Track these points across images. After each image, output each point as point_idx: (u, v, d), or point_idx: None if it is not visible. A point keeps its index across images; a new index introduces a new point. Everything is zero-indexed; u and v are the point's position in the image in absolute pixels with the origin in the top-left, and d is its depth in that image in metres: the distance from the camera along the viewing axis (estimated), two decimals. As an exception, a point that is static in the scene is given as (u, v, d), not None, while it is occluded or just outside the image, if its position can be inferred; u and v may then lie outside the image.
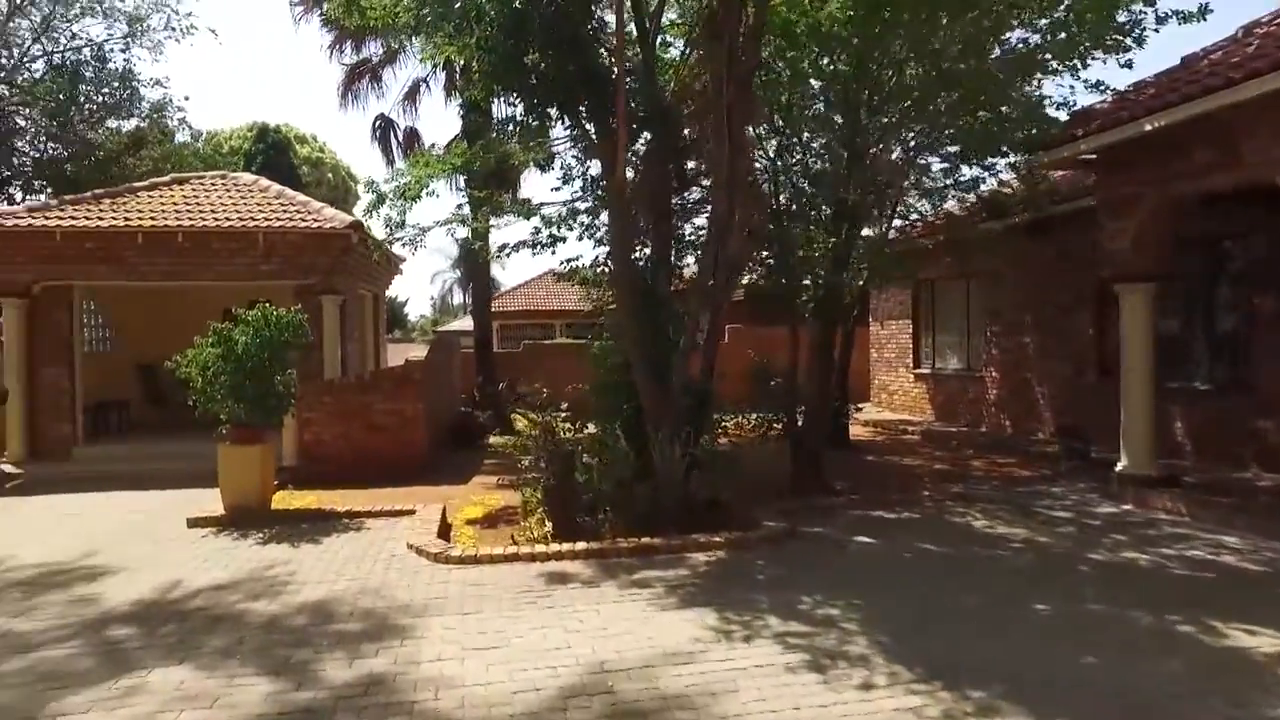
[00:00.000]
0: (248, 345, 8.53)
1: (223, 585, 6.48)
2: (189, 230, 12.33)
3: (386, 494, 9.90)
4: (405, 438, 11.56)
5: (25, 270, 12.39)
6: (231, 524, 8.54)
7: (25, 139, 19.00)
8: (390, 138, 17.51)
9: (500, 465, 12.75)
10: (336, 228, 12.55)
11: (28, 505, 9.92)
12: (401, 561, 7.06)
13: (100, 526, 8.70)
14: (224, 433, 9.01)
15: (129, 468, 11.87)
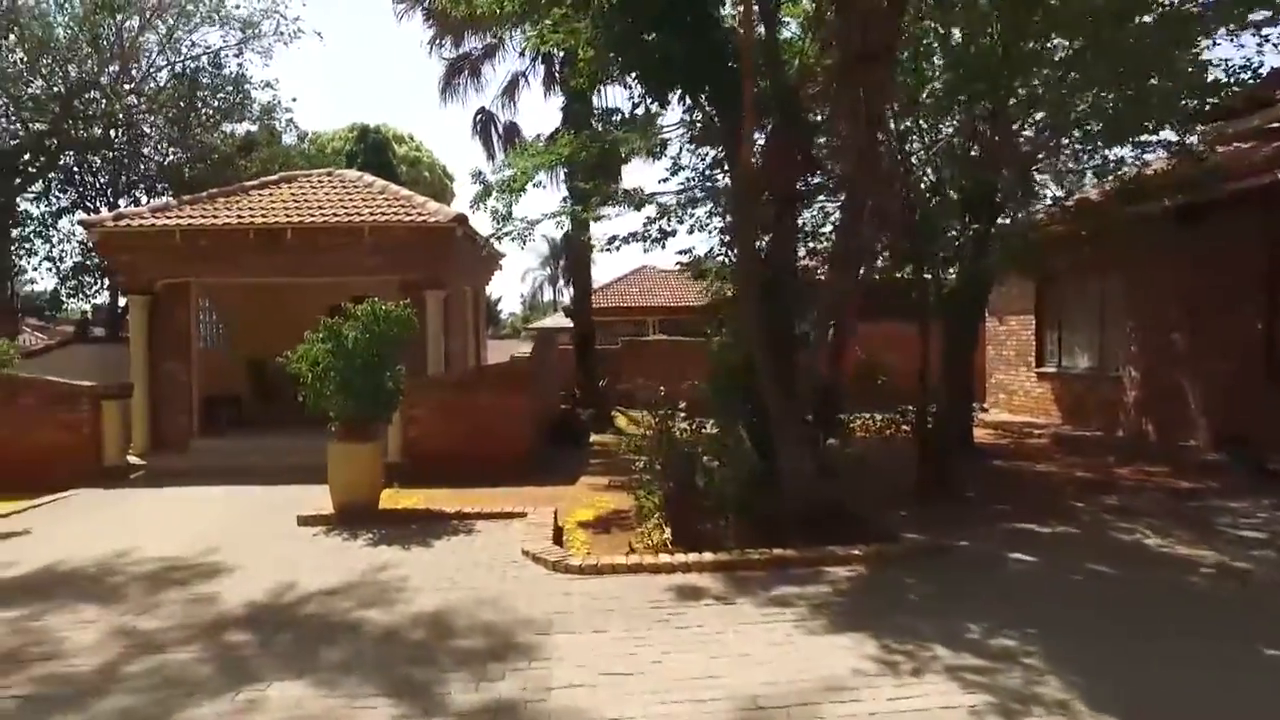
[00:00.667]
0: (357, 340, 8.34)
1: (336, 590, 6.23)
2: (297, 227, 12.38)
3: (493, 494, 9.62)
4: (510, 436, 11.28)
5: (149, 268, 12.67)
6: (341, 523, 8.37)
7: (150, 144, 19.74)
8: (491, 131, 17.40)
9: (606, 465, 12.39)
10: (440, 222, 12.40)
11: (150, 497, 10.04)
12: (518, 569, 6.69)
13: (216, 521, 8.67)
14: (333, 430, 8.87)
15: (241, 461, 11.99)
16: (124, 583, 6.56)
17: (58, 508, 9.59)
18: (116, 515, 9.11)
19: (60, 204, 19.49)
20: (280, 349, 16.10)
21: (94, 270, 19.60)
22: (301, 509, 8.74)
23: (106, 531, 8.33)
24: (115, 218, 12.58)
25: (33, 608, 5.96)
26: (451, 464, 10.71)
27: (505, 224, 10.89)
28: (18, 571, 6.97)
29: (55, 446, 10.89)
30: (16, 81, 18.34)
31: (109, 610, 5.85)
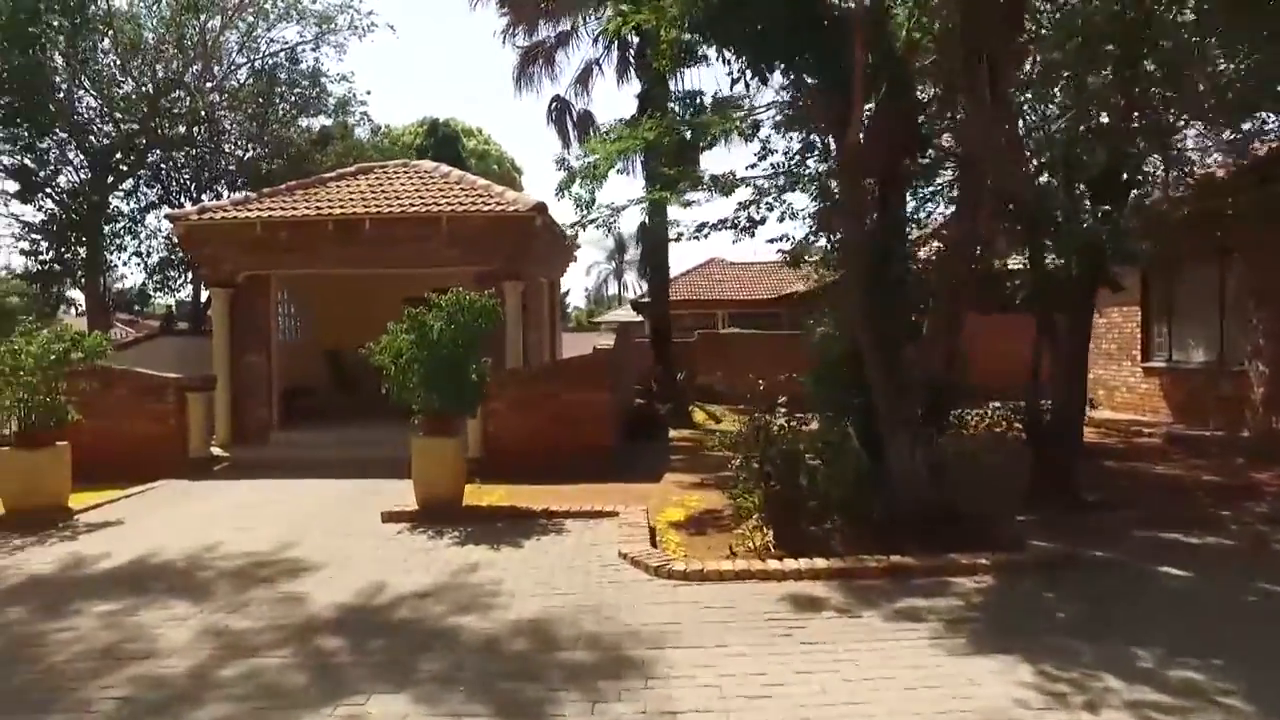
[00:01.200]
0: (443, 331, 8.05)
1: (427, 593, 5.92)
2: (375, 217, 12.23)
3: (576, 491, 9.27)
4: (592, 430, 10.92)
5: (231, 261, 12.69)
6: (426, 520, 8.11)
7: (230, 141, 20.03)
8: (566, 120, 17.10)
9: (689, 462, 11.97)
10: (520, 210, 12.10)
11: (233, 489, 9.97)
12: (616, 573, 6.29)
13: (299, 516, 8.50)
14: (416, 423, 8.62)
15: (320, 454, 11.91)
16: (213, 579, 6.37)
17: (147, 498, 9.58)
18: (202, 507, 9.03)
19: (147, 200, 19.94)
20: (355, 341, 16.14)
21: (178, 265, 19.98)
22: (383, 504, 8.53)
23: (194, 524, 8.23)
24: (199, 211, 12.63)
25: (127, 601, 5.80)
26: (532, 459, 10.40)
27: (589, 211, 10.51)
28: (112, 563, 6.88)
29: (144, 437, 10.92)
30: (109, 84, 18.77)
31: (200, 607, 5.65)
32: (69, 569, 6.78)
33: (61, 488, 8.76)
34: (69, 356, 8.70)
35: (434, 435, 8.39)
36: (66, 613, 5.63)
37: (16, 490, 8.42)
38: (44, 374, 8.54)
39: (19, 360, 8.37)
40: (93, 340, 9.01)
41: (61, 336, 8.83)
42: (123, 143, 18.76)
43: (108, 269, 19.56)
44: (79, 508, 8.79)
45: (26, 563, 6.92)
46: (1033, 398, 8.96)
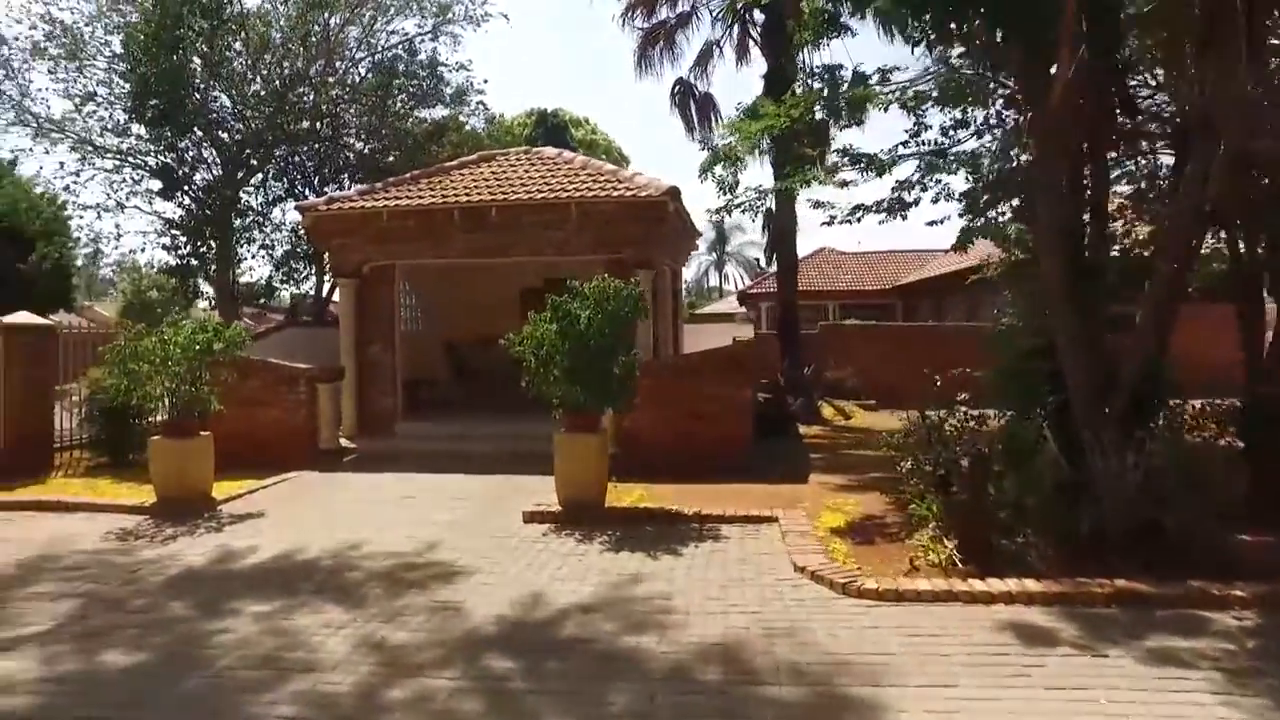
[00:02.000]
0: (590, 321, 7.55)
1: (590, 606, 5.42)
2: (501, 204, 11.90)
3: (719, 491, 8.67)
4: (730, 427, 10.29)
5: (357, 251, 12.61)
6: (569, 521, 7.65)
7: (350, 134, 20.26)
8: (689, 103, 16.49)
9: (829, 461, 11.22)
10: (652, 195, 11.56)
11: (366, 483, 9.78)
12: (796, 589, 5.65)
13: (435, 512, 8.18)
14: (557, 419, 8.18)
15: (445, 446, 11.68)
16: (361, 581, 6.05)
17: (283, 489, 9.48)
18: (339, 502, 8.84)
19: (274, 195, 20.40)
20: (471, 331, 16.07)
21: (302, 257, 20.36)
22: (520, 502, 8.16)
23: (332, 519, 8.02)
24: (327, 202, 12.61)
25: (280, 602, 5.53)
26: (668, 456, 9.84)
27: (732, 194, 9.87)
28: (259, 558, 6.67)
29: (276, 427, 10.90)
30: (240, 82, 19.24)
31: (354, 614, 5.30)
32: (219, 562, 6.59)
33: (206, 477, 8.71)
34: (212, 347, 8.63)
35: (577, 431, 7.93)
36: (223, 611, 5.38)
37: (167, 479, 8.40)
38: (189, 364, 8.49)
39: (168, 350, 8.33)
40: (233, 331, 8.94)
41: (205, 327, 8.78)
42: (251, 139, 19.21)
43: (237, 262, 20.11)
44: (221, 498, 8.73)
45: (181, 554, 6.78)
46: (1252, 396, 7.85)
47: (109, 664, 4.60)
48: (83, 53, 18.56)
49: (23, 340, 10.65)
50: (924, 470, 7.37)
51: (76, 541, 7.21)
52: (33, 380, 10.71)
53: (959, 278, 27.82)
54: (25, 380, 10.61)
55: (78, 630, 5.10)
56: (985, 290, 25.88)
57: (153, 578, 6.18)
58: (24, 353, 10.62)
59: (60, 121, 18.84)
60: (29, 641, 4.92)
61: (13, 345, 10.53)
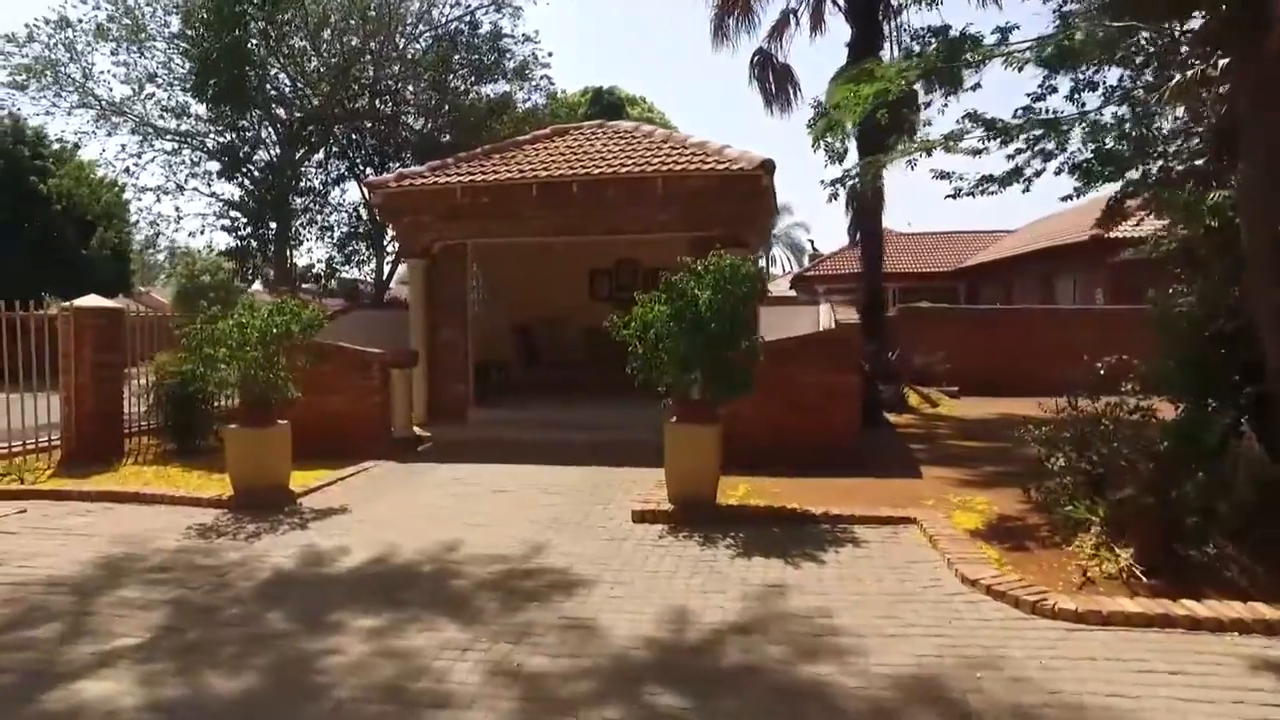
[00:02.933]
0: (711, 303, 6.83)
1: (745, 626, 4.73)
2: (583, 179, 11.21)
3: (829, 486, 8.03)
4: (833, 417, 9.51)
5: (428, 230, 12.05)
6: (684, 520, 6.97)
7: (410, 112, 19.73)
8: (768, 74, 15.62)
9: (935, 453, 10.45)
10: (745, 169, 10.78)
11: (447, 474, 9.20)
12: (973, 607, 4.91)
13: (530, 508, 7.57)
14: (665, 408, 7.50)
15: (523, 435, 11.10)
16: (470, 590, 5.43)
17: (362, 481, 8.94)
18: (423, 495, 8.26)
19: (333, 174, 19.99)
20: (540, 314, 15.47)
21: (363, 238, 19.94)
22: (616, 497, 7.62)
23: (422, 515, 7.44)
24: (397, 178, 12.03)
25: (387, 616, 4.93)
26: (767, 448, 9.10)
27: (841, 162, 9.08)
28: (353, 561, 6.09)
29: (348, 415, 10.38)
30: (300, 58, 18.79)
31: (473, 632, 4.67)
32: (310, 565, 6.03)
33: (283, 469, 8.20)
34: (291, 330, 8.09)
35: (690, 422, 7.24)
36: (326, 625, 4.80)
37: (245, 470, 7.89)
38: (266, 348, 7.96)
39: (245, 334, 7.80)
40: (312, 313, 8.37)
41: (283, 309, 8.23)
42: (310, 117, 18.78)
43: (296, 243, 19.76)
44: (300, 490, 8.21)
45: (267, 555, 6.23)
46: None
47: (215, 690, 4.03)
48: (143, 33, 18.26)
49: (93, 323, 10.24)
50: (1077, 468, 6.59)
51: (157, 538, 6.72)
52: (103, 365, 10.33)
53: (1033, 259, 26.75)
54: (96, 365, 10.23)
55: (174, 645, 4.55)
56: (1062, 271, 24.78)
57: (243, 582, 5.63)
58: (94, 336, 10.22)
59: (121, 104, 18.59)
60: (125, 657, 4.37)
61: (83, 328, 10.12)
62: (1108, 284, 21.22)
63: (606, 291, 16.10)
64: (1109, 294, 21.02)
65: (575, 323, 15.23)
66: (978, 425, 12.99)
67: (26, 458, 9.72)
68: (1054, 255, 24.44)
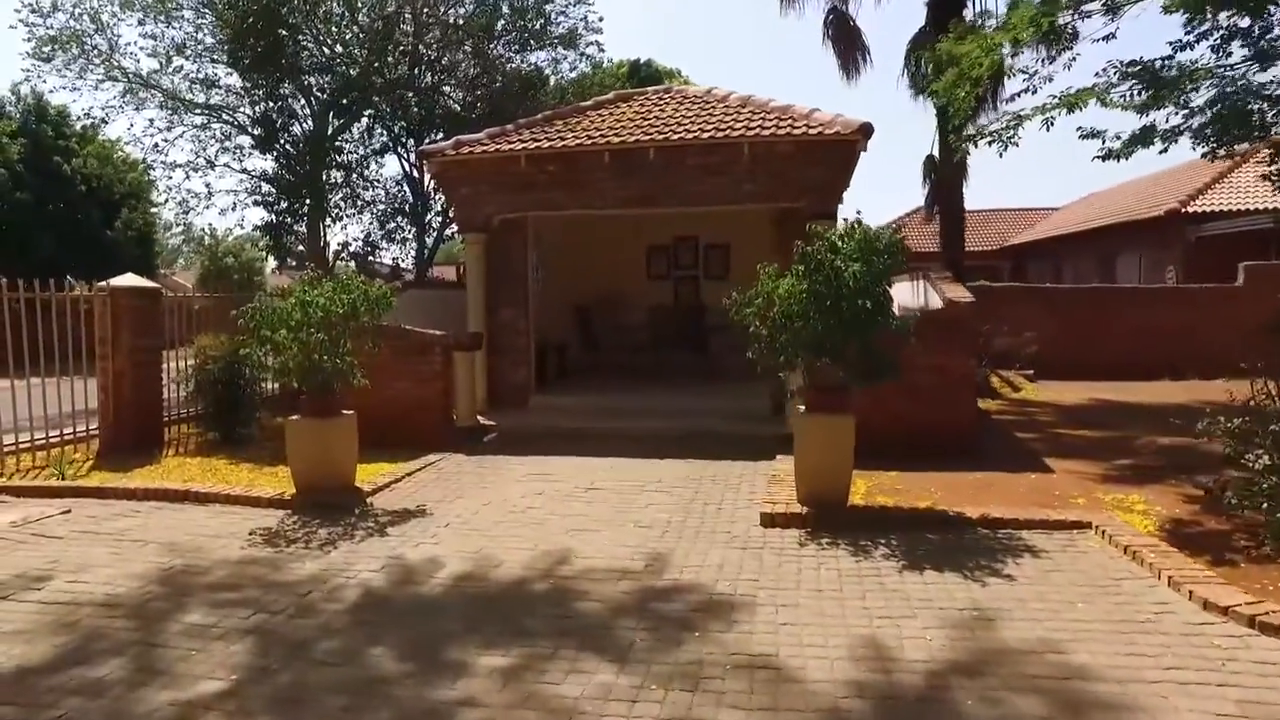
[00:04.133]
0: (856, 277, 5.88)
1: (966, 668, 3.82)
2: (661, 146, 10.25)
3: (956, 481, 7.25)
4: (949, 403, 8.58)
5: (487, 202, 11.13)
6: (819, 524, 6.07)
7: (451, 82, 18.72)
8: (843, 35, 14.53)
9: (1050, 443, 9.50)
10: (841, 134, 9.77)
11: (523, 469, 8.31)
12: (1241, 643, 3.97)
13: (633, 509, 6.69)
14: (791, 395, 6.59)
15: (593, 424, 10.22)
16: (605, 615, 4.55)
17: (432, 477, 8.08)
18: (506, 493, 7.39)
19: (371, 147, 19.03)
20: (598, 292, 14.55)
21: (404, 215, 19.03)
22: (725, 495, 6.86)
23: (511, 517, 6.57)
24: (455, 146, 11.09)
25: (516, 650, 4.07)
26: (882, 438, 8.12)
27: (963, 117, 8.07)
28: (449, 574, 5.24)
29: (409, 402, 9.55)
30: (338, 24, 17.85)
31: (631, 674, 3.79)
32: (403, 582, 5.16)
33: (349, 464, 7.36)
34: (358, 310, 7.21)
35: (823, 412, 6.31)
36: (446, 665, 3.93)
37: (309, 466, 7.06)
38: (331, 330, 7.10)
39: (308, 314, 6.93)
40: (379, 292, 7.48)
41: (348, 286, 7.35)
42: (348, 86, 17.82)
43: (334, 219, 18.86)
44: (368, 488, 7.37)
45: (349, 569, 5.37)
46: None
47: (332, 761, 3.16)
48: (171, 2, 17.37)
49: (131, 305, 9.44)
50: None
51: (217, 546, 5.88)
52: (142, 349, 9.53)
53: (1089, 236, 25.52)
54: (134, 349, 9.43)
55: (267, 692, 3.69)
56: (1126, 248, 23.54)
57: (329, 604, 4.77)
58: (132, 319, 9.42)
59: (149, 77, 17.73)
60: (212, 709, 3.52)
61: (120, 310, 9.32)
62: (1183, 261, 20.06)
63: (665, 270, 15.18)
64: (1184, 272, 19.86)
65: (634, 302, 14.32)
66: (1077, 412, 12.01)
67: (64, 449, 8.94)
68: (1115, 232, 23.26)
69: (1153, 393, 13.55)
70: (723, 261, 14.91)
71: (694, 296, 14.87)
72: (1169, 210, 19.81)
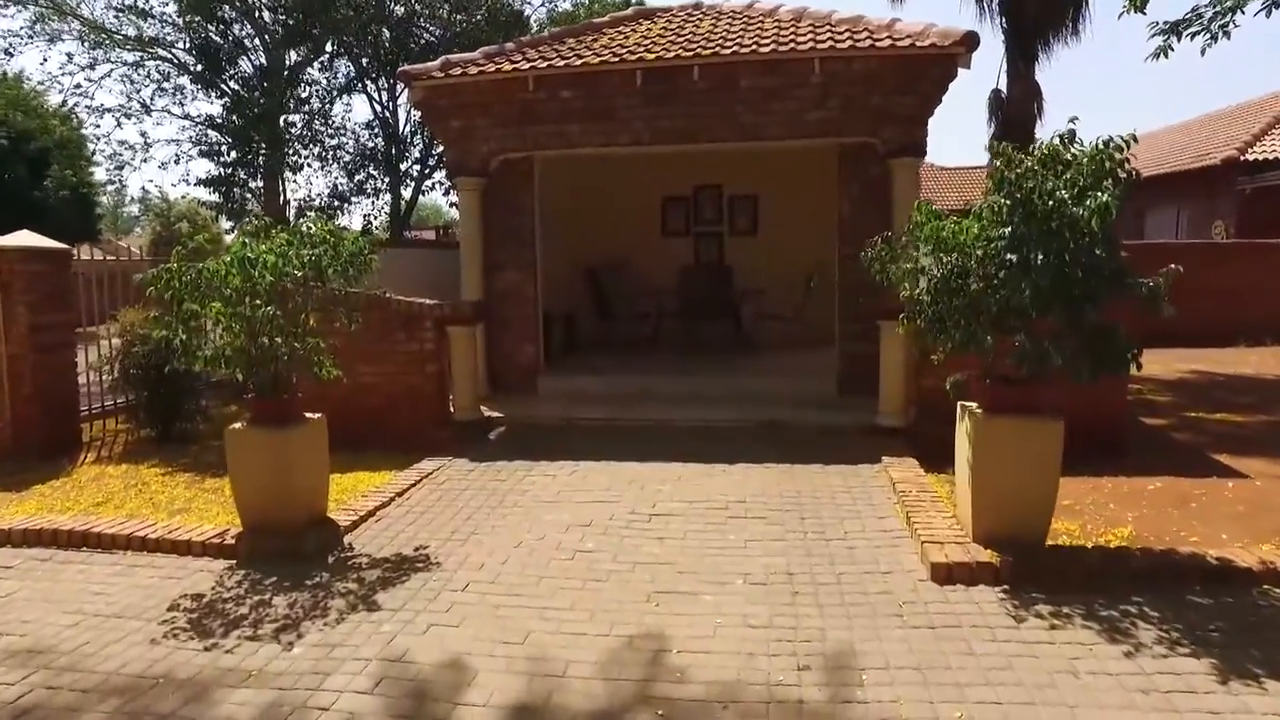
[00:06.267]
0: (1104, 212, 3.84)
1: None
2: (709, 63, 8.10)
3: (1133, 494, 5.53)
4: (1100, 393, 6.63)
5: (485, 138, 8.94)
6: (1018, 578, 4.12)
7: (425, 14, 16.16)
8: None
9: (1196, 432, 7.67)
10: (938, 45, 7.69)
11: (547, 483, 6.24)
12: None
13: (729, 552, 4.70)
14: (951, 385, 4.60)
15: (620, 414, 8.21)
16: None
17: (429, 495, 6.00)
18: (538, 524, 5.33)
19: (337, 83, 16.46)
20: (615, 253, 12.44)
21: (376, 163, 16.59)
22: (832, 517, 5.04)
23: (555, 567, 4.56)
24: (443, 67, 8.81)
25: None
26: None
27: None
28: (488, 689, 3.23)
29: (395, 390, 7.50)
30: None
31: None
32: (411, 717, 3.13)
33: (317, 488, 5.28)
34: (324, 269, 5.07)
35: (1014, 413, 4.33)
36: None
37: (260, 496, 4.96)
38: (286, 302, 4.97)
39: (252, 279, 4.77)
40: (355, 244, 5.30)
41: (310, 237, 5.19)
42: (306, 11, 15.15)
43: (294, 169, 16.36)
44: (345, 520, 5.31)
45: (322, 685, 3.34)
46: None
47: None
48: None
49: (26, 271, 7.23)
50: None
51: (111, 643, 3.80)
52: (45, 328, 7.34)
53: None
54: (34, 328, 7.25)
55: None
56: (1161, 201, 21.75)
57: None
58: (29, 289, 7.23)
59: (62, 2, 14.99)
60: None
61: (14, 278, 7.13)
62: (1235, 215, 18.32)
63: (683, 225, 13.06)
64: (1236, 227, 18.13)
65: (650, 263, 12.22)
66: (1184, 388, 10.24)
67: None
68: (1147, 185, 21.44)
69: (1245, 361, 11.93)
70: (750, 215, 12.84)
71: (718, 256, 12.81)
72: (1225, 159, 18.01)
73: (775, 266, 11.55)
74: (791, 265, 11.27)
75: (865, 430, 7.29)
